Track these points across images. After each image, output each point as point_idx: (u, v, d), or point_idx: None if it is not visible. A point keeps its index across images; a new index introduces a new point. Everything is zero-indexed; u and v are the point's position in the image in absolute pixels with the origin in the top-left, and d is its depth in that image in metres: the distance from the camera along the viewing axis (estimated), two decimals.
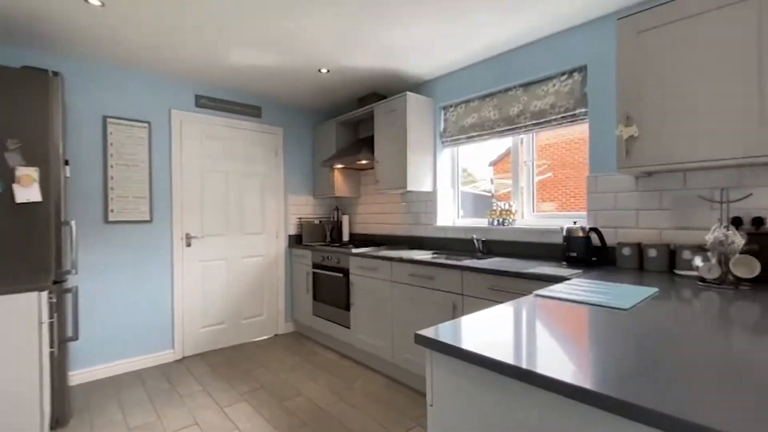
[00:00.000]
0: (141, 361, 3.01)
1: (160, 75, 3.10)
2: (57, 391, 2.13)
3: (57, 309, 2.11)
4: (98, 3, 2.08)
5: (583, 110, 2.33)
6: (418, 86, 3.32)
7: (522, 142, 2.82)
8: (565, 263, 2.18)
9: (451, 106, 3.14)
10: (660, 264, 1.89)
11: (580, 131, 2.80)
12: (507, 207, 2.76)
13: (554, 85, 2.48)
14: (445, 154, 3.25)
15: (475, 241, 2.79)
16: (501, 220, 2.75)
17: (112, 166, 2.90)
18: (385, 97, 3.53)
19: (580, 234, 2.14)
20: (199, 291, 3.32)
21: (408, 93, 2.97)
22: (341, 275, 3.16)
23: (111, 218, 2.88)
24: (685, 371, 0.71)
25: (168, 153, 3.16)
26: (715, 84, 1.56)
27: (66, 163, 2.31)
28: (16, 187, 2.03)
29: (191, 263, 3.28)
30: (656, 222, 2.01)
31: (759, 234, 1.56)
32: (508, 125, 2.72)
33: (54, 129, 2.14)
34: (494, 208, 2.83)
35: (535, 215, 2.74)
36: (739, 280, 1.48)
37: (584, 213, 2.44)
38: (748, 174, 1.74)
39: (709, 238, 1.52)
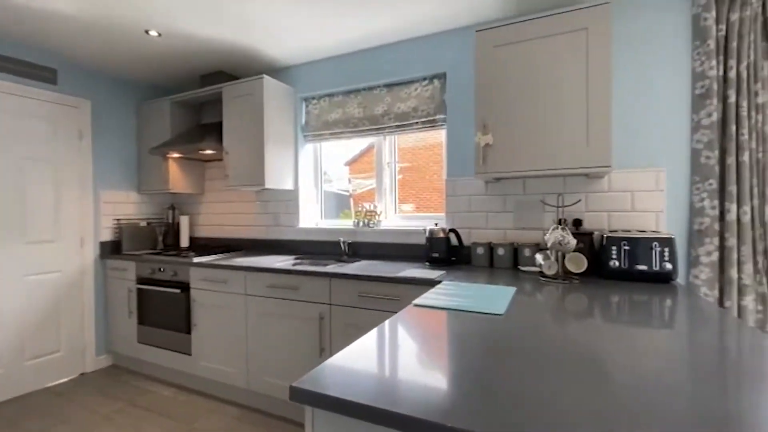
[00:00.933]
0: None
1: None
2: None
3: None
4: None
5: (442, 116, 2.42)
6: (278, 72, 2.98)
7: (385, 143, 2.80)
8: (428, 263, 2.23)
9: (313, 99, 2.90)
10: (507, 261, 2.08)
11: (437, 136, 2.95)
12: (372, 208, 2.70)
13: (416, 89, 2.52)
14: (308, 150, 3.00)
15: (341, 243, 2.64)
16: (366, 221, 2.68)
17: None
18: (235, 78, 3.05)
19: (441, 235, 2.22)
20: None
21: (265, 76, 2.61)
22: (179, 291, 2.57)
23: None
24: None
25: None
26: (554, 103, 1.77)
27: None
28: None
29: None
30: (502, 223, 2.23)
31: (580, 234, 1.86)
32: (373, 125, 2.65)
33: None
34: (359, 208, 2.74)
35: (398, 216, 2.76)
36: (571, 275, 1.71)
37: (442, 214, 2.56)
38: (572, 182, 2.07)
39: (548, 238, 1.72)
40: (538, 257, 1.78)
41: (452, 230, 2.24)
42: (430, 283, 1.77)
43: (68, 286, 2.79)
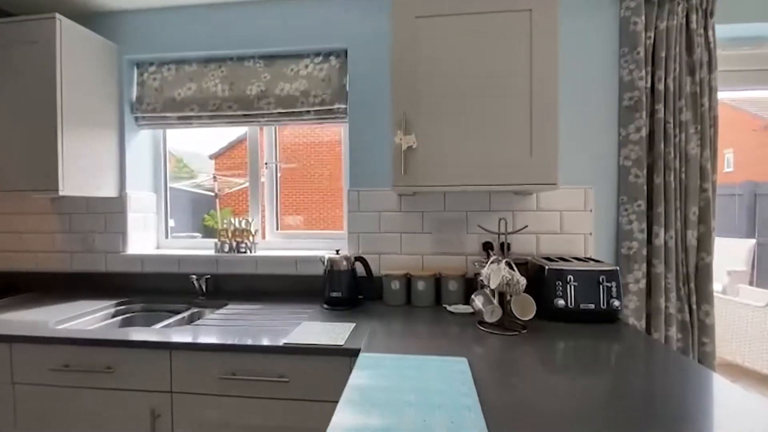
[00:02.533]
0: None
1: None
2: None
3: None
4: None
5: (341, 106, 1.84)
6: (89, 17, 1.95)
7: (262, 137, 2.08)
8: (327, 306, 1.63)
9: (151, 64, 1.98)
10: (428, 297, 1.63)
11: (335, 130, 2.36)
12: (243, 225, 1.95)
13: (307, 66, 1.88)
14: (143, 139, 2.06)
15: (195, 282, 1.81)
16: (235, 244, 1.92)
17: None
18: (7, 16, 1.90)
19: (345, 266, 1.64)
20: None
21: (59, 16, 1.61)
22: None
23: None
24: None
25: None
26: (494, 101, 1.36)
27: None
28: None
29: None
30: (419, 246, 1.77)
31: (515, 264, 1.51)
32: (244, 109, 1.91)
33: None
34: (225, 224, 1.96)
35: (280, 235, 2.08)
36: (515, 321, 1.33)
37: (342, 232, 1.99)
38: (498, 198, 1.73)
39: (490, 275, 1.31)
40: (478, 301, 1.35)
41: (359, 258, 1.68)
42: (335, 352, 1.18)
43: None
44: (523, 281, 1.26)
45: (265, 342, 1.23)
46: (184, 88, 1.94)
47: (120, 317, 1.73)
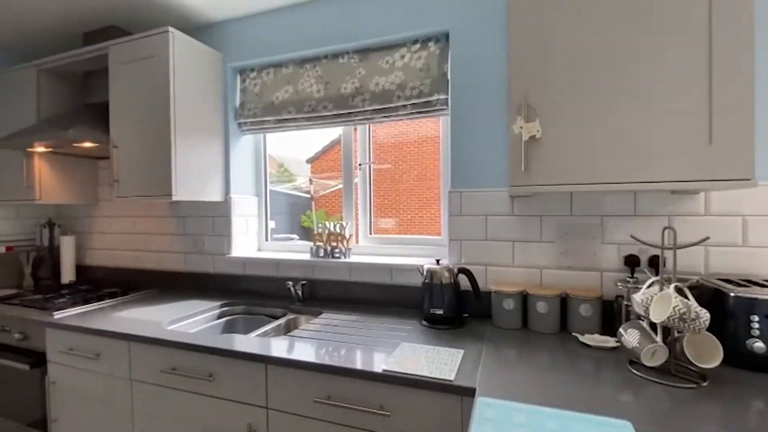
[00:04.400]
0: None
1: None
2: None
3: None
4: None
5: (442, 97, 1.63)
6: (198, 30, 2.06)
7: (356, 136, 1.98)
8: (426, 323, 1.44)
9: (252, 70, 2.02)
10: (551, 322, 1.33)
11: (431, 126, 2.17)
12: (338, 229, 1.86)
13: (403, 56, 1.71)
14: (245, 144, 2.11)
15: (292, 288, 1.78)
16: (329, 249, 1.84)
17: None
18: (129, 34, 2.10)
19: (447, 278, 1.43)
20: None
21: (172, 29, 1.70)
22: (27, 367, 1.60)
23: None
24: None
25: None
26: (649, 70, 1.03)
27: None
28: None
29: None
30: (537, 258, 1.47)
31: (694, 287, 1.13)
32: (339, 108, 1.82)
33: None
34: (319, 230, 1.90)
35: (373, 240, 1.95)
36: (690, 369, 0.97)
37: (439, 238, 1.78)
38: (647, 200, 1.35)
39: (654, 306, 0.98)
40: (630, 336, 1.03)
41: (463, 270, 1.46)
42: (444, 388, 0.98)
43: None
44: (705, 316, 0.91)
45: (363, 365, 1.08)
46: (281, 91, 1.93)
47: (224, 319, 1.77)
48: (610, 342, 1.18)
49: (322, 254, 1.84)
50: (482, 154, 1.54)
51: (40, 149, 2.00)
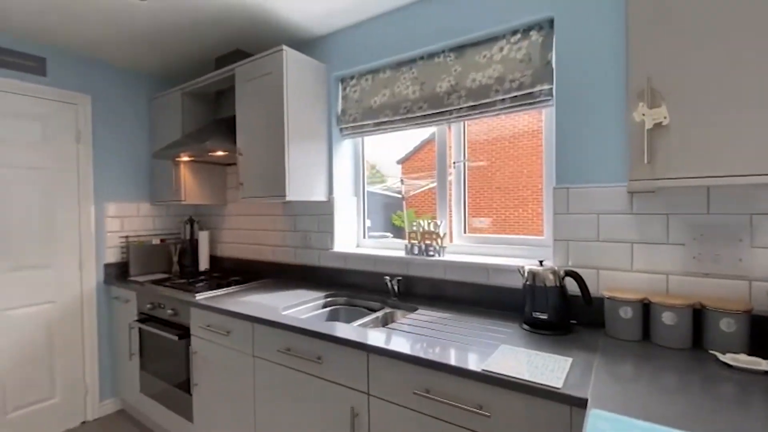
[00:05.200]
0: None
1: None
2: None
3: None
4: None
5: (545, 87, 1.54)
6: (306, 44, 2.26)
7: (451, 134, 1.97)
8: (528, 327, 1.37)
9: (352, 77, 2.15)
10: (681, 336, 1.16)
11: (531, 120, 2.06)
12: (432, 227, 1.88)
13: (501, 49, 1.65)
14: (346, 147, 2.26)
15: (389, 282, 1.85)
16: (424, 247, 1.86)
17: None
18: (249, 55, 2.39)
19: (551, 281, 1.34)
20: None
21: (286, 48, 1.90)
22: (177, 338, 1.95)
23: None
24: None
25: None
26: None
27: None
28: None
29: None
30: (662, 262, 1.30)
31: None
32: (434, 108, 1.83)
33: None
34: (414, 228, 1.94)
35: (467, 239, 1.92)
36: None
37: (541, 238, 1.68)
38: None
39: None
40: None
41: (571, 273, 1.35)
42: (551, 395, 0.93)
43: (64, 320, 2.32)
44: None
45: (461, 363, 1.08)
46: (379, 95, 2.02)
47: (328, 309, 1.92)
48: (761, 365, 0.98)
49: (416, 252, 1.88)
50: (592, 147, 1.41)
51: (185, 158, 2.42)
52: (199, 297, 1.92)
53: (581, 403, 0.88)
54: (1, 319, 2.09)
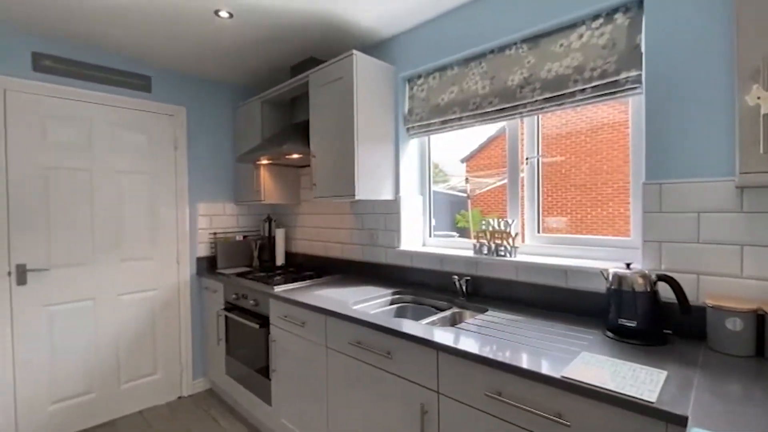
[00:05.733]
0: None
1: None
2: None
3: None
4: None
5: (633, 74, 1.41)
6: (374, 47, 2.32)
7: (523, 128, 1.89)
8: (611, 335, 1.26)
9: (419, 77, 2.16)
10: None
11: (612, 112, 1.92)
12: (503, 226, 1.82)
13: (581, 36, 1.55)
14: (412, 147, 2.27)
15: (456, 282, 1.83)
16: (494, 247, 1.81)
17: None
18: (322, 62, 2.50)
19: (641, 285, 1.23)
20: (45, 349, 2.19)
21: (356, 52, 1.97)
22: (258, 326, 2.12)
23: None
24: None
25: None
26: None
27: None
28: None
29: (29, 310, 2.14)
30: None
31: None
32: (505, 102, 1.77)
33: None
34: (482, 227, 1.89)
35: (541, 239, 1.82)
36: None
37: (627, 239, 1.54)
38: None
39: None
40: None
41: (665, 278, 1.22)
42: (643, 410, 0.85)
43: (165, 305, 2.65)
44: None
45: (538, 368, 1.03)
46: (447, 92, 2.00)
47: (395, 306, 1.95)
48: None
49: (485, 251, 1.83)
50: (690, 138, 1.26)
51: (264, 162, 2.61)
52: (277, 289, 2.06)
53: (680, 421, 0.80)
54: (115, 303, 2.44)
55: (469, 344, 1.22)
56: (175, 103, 2.69)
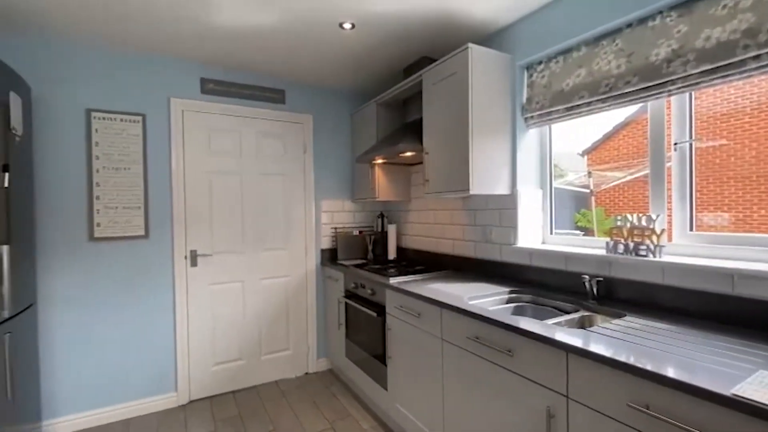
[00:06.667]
0: (135, 408, 2.46)
1: (156, 54, 2.49)
2: None
3: None
4: None
5: None
6: (489, 39, 2.26)
7: (670, 109, 1.63)
8: None
9: (539, 63, 2.03)
10: None
11: None
12: (644, 222, 1.60)
13: None
14: (530, 139, 2.16)
15: (587, 283, 1.68)
16: (632, 245, 1.61)
17: (97, 170, 2.36)
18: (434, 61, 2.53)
19: None
20: (209, 319, 2.70)
21: (471, 45, 1.95)
22: (375, 314, 2.26)
23: (97, 234, 2.35)
24: None
25: (167, 151, 2.56)
26: None
27: (5, 168, 1.76)
28: None
29: (198, 287, 2.66)
30: None
31: None
32: (648, 80, 1.55)
33: None
34: (619, 221, 1.69)
35: (695, 237, 1.55)
36: None
37: None
38: None
39: None
40: None
41: None
42: None
43: (295, 291, 3.01)
44: None
45: (700, 383, 0.89)
46: (572, 76, 1.85)
47: (512, 304, 1.88)
48: None
49: (621, 250, 1.64)
50: None
51: (379, 161, 2.76)
52: (393, 281, 2.17)
53: None
54: (258, 286, 2.86)
55: (605, 349, 1.11)
56: (304, 112, 3.02)
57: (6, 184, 1.77)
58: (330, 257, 3.13)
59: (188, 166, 2.62)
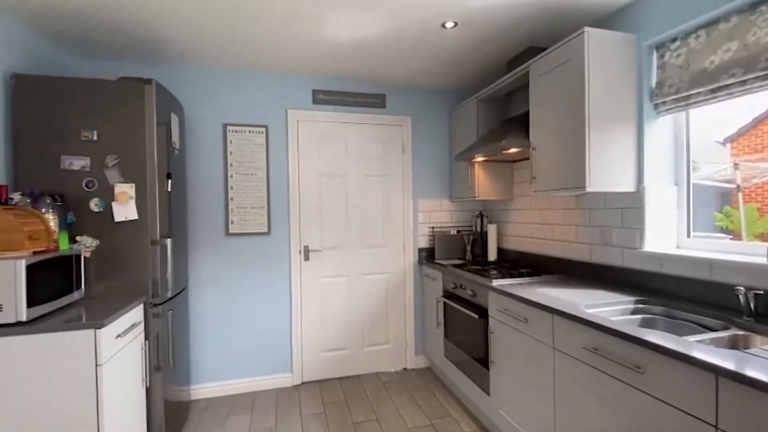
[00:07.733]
0: (258, 383, 2.82)
1: (275, 71, 2.81)
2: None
3: (153, 333, 1.97)
4: None
5: None
6: (605, 19, 2.04)
7: None
8: None
9: (673, 40, 1.76)
10: None
11: None
12: None
13: None
14: (660, 127, 1.89)
15: (742, 296, 1.41)
16: None
17: (231, 176, 2.76)
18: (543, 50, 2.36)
19: None
20: (318, 309, 2.95)
21: (587, 29, 1.78)
22: (476, 316, 2.21)
23: (231, 230, 2.75)
24: None
25: (285, 157, 2.86)
26: None
27: (168, 176, 2.17)
28: (114, 205, 1.93)
29: (310, 279, 2.93)
30: None
31: None
32: None
33: (150, 141, 1.97)
34: None
35: None
36: None
37: None
38: None
39: None
40: None
41: None
42: None
43: (394, 287, 3.10)
44: None
45: None
46: (719, 51, 1.56)
47: (638, 316, 1.67)
48: None
49: None
50: None
51: (479, 159, 2.70)
52: (496, 283, 2.10)
53: None
54: (361, 281, 3.03)
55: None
56: (403, 114, 3.10)
57: (169, 189, 2.18)
58: (427, 256, 3.15)
59: (302, 170, 2.89)
